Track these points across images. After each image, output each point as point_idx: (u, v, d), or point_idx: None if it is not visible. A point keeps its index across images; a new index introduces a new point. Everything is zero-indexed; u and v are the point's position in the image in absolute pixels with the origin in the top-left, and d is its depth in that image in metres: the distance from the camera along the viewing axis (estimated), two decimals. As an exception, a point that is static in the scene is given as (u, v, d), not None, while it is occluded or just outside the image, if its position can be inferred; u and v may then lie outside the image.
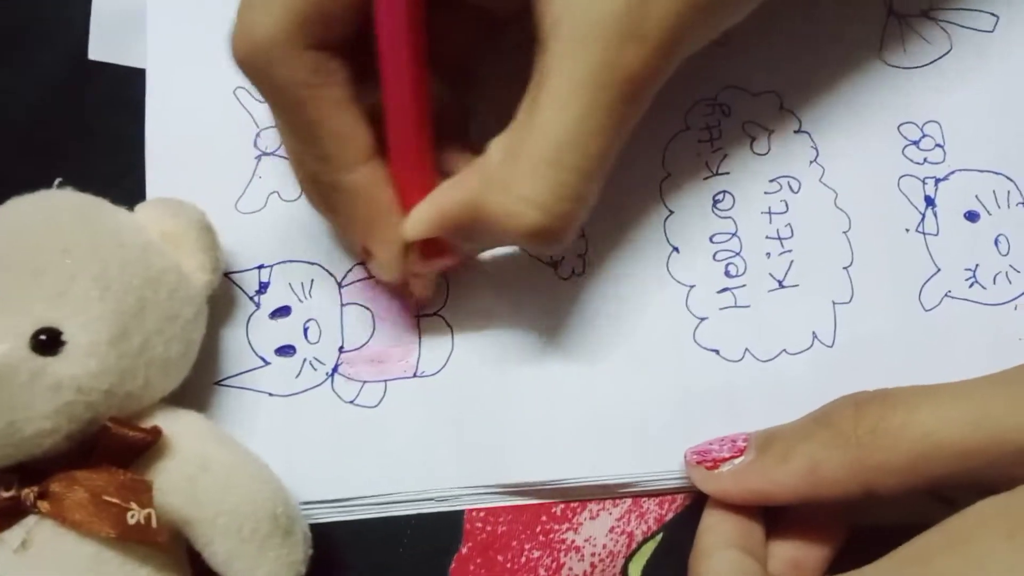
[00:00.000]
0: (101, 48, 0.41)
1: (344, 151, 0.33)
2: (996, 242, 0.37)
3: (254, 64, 0.32)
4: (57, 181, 0.35)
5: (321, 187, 0.34)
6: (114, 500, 0.29)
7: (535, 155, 0.30)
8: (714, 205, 0.38)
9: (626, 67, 0.30)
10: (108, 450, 0.31)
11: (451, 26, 0.35)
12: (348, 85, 0.32)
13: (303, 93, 0.32)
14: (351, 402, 0.37)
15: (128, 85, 0.40)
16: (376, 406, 0.36)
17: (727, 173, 0.39)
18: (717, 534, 0.33)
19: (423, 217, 0.33)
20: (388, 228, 0.33)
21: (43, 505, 0.30)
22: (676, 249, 0.38)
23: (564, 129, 0.30)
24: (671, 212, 0.38)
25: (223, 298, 0.37)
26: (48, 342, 0.30)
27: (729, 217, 0.38)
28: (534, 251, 0.38)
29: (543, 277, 0.38)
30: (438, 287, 0.37)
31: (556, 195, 0.30)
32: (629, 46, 0.30)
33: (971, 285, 0.37)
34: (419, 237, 0.33)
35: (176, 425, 0.32)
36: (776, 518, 0.33)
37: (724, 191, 0.38)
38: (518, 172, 0.30)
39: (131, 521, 0.29)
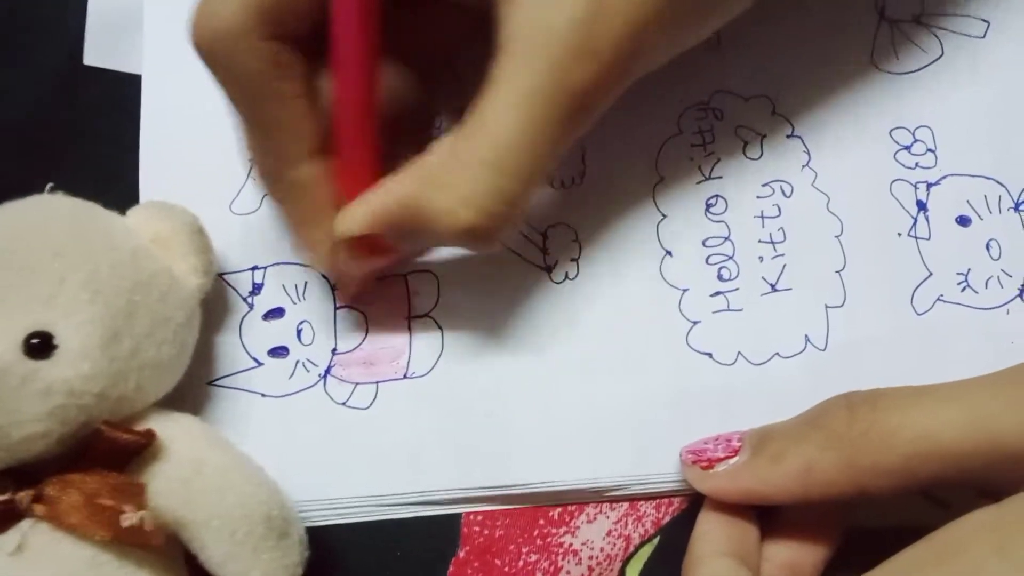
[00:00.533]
0: (96, 54, 0.40)
1: (290, 145, 0.33)
2: (988, 247, 0.37)
3: (211, 50, 0.32)
4: (49, 186, 0.35)
5: (265, 174, 0.34)
6: (108, 503, 0.29)
7: (476, 157, 0.31)
8: (707, 209, 0.38)
9: (575, 82, 0.30)
10: (101, 453, 0.30)
11: (430, 23, 0.35)
12: (303, 80, 0.32)
13: (257, 84, 0.32)
14: (343, 404, 0.36)
15: (123, 87, 0.40)
16: (368, 408, 0.36)
17: (720, 177, 0.39)
18: (710, 541, 0.32)
19: (357, 215, 0.33)
20: (322, 225, 0.33)
21: (38, 508, 0.30)
22: (669, 253, 0.38)
23: (506, 136, 0.30)
24: (664, 216, 0.38)
25: (217, 299, 0.37)
26: (40, 345, 0.30)
27: (722, 221, 0.38)
28: (468, 249, 0.37)
29: (536, 281, 0.38)
30: (430, 288, 0.37)
31: (492, 197, 0.31)
32: (579, 62, 0.30)
33: (963, 289, 0.37)
34: (352, 234, 0.33)
35: (170, 428, 0.32)
36: (771, 520, 0.33)
37: (717, 195, 0.38)
38: (457, 172, 0.31)
39: (125, 524, 0.29)
